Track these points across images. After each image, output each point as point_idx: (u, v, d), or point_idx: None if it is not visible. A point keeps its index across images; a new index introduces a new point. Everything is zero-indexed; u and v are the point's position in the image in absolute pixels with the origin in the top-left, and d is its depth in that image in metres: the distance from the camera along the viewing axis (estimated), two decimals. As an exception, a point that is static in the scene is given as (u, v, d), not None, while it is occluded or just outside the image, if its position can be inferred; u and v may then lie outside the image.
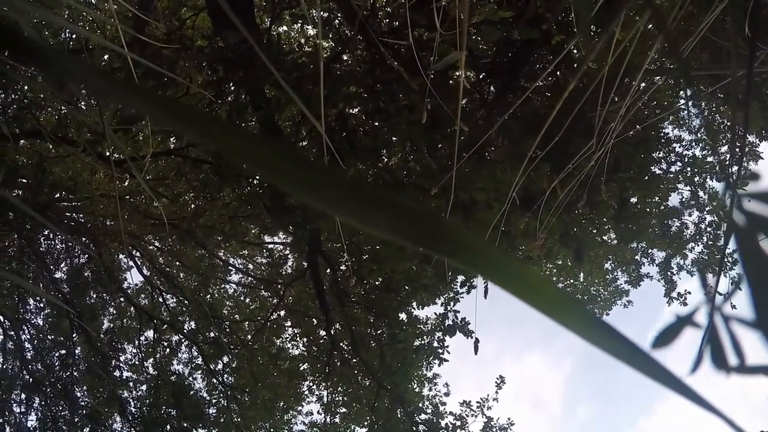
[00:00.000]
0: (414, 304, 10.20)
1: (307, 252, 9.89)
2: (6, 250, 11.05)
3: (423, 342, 10.91)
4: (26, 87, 8.41)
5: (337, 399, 12.19)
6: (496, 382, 11.37)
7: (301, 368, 12.43)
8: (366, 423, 11.54)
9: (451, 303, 9.92)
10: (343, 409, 12.12)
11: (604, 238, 8.99)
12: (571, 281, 11.35)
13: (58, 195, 10.52)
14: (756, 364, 0.55)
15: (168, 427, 11.43)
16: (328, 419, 12.25)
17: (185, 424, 11.36)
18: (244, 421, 11.98)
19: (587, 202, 5.97)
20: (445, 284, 9.25)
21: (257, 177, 7.93)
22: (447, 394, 11.89)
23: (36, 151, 9.86)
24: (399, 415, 10.98)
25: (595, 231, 8.60)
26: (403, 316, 10.57)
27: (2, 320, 11.33)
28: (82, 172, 10.10)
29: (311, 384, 12.47)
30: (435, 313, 11.04)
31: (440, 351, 10.72)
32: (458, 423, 11.14)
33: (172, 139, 9.47)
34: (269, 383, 12.25)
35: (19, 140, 9.15)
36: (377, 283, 9.90)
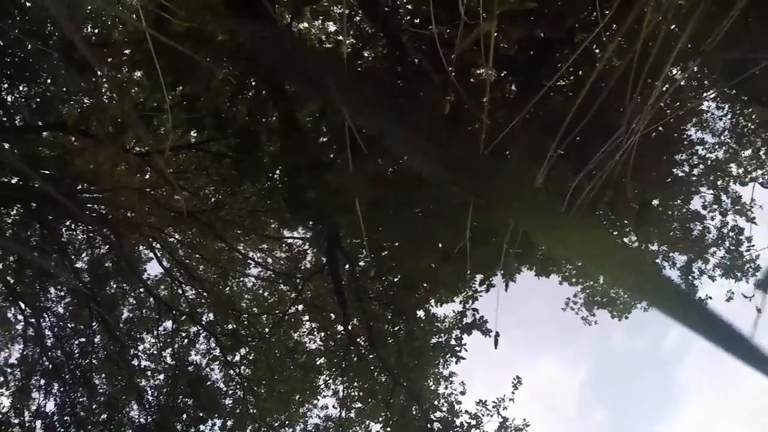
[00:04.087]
0: (432, 301, 10.16)
1: (326, 247, 9.91)
2: (29, 239, 11.19)
3: (440, 340, 10.88)
4: (49, 80, 8.49)
5: (352, 394, 12.20)
6: (512, 382, 11.27)
7: (318, 362, 12.46)
8: (381, 419, 11.54)
9: (470, 301, 9.88)
10: (359, 404, 12.13)
11: (625, 240, 8.87)
12: (590, 283, 11.23)
13: (79, 186, 10.62)
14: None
15: (184, 416, 11.51)
16: (343, 414, 12.26)
17: (201, 414, 11.43)
18: (259, 412, 12.04)
19: (610, 201, 5.92)
20: (464, 282, 9.21)
21: (277, 172, 7.94)
22: (463, 393, 11.84)
23: (59, 143, 9.96)
24: (414, 412, 10.97)
25: (616, 233, 8.50)
26: (421, 313, 10.54)
27: (24, 308, 11.48)
28: (104, 164, 10.18)
29: (327, 378, 12.50)
30: (453, 311, 10.99)
31: (457, 349, 10.68)
32: (473, 422, 11.08)
33: (192, 133, 9.50)
34: (286, 376, 12.30)
35: (42, 132, 9.24)
36: (396, 280, 9.89)
